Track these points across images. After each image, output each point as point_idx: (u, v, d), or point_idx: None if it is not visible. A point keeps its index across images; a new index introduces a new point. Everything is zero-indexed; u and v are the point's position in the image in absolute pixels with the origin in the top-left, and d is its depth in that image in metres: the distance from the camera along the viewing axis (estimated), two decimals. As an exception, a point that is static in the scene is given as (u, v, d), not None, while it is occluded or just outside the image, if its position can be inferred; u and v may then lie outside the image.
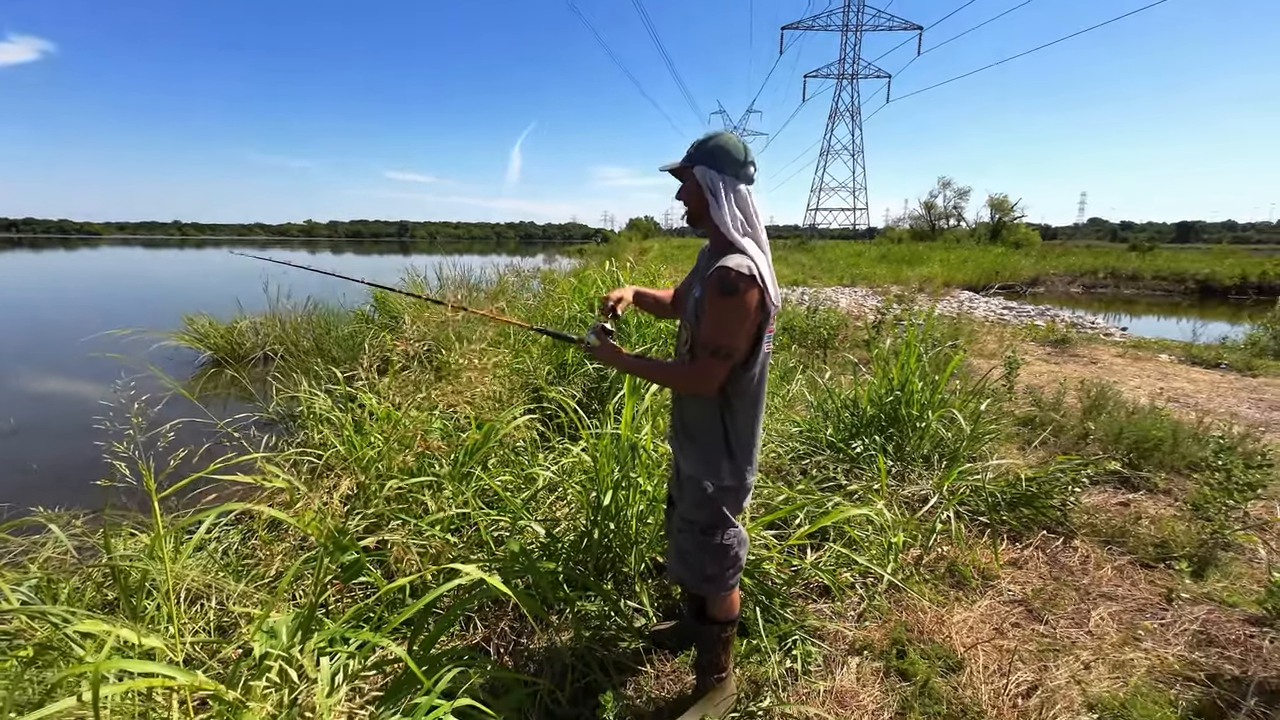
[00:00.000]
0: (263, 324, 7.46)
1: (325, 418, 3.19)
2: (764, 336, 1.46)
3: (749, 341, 1.43)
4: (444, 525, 2.42)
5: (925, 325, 6.39)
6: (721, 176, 1.44)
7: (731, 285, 1.35)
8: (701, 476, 1.55)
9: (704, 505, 1.57)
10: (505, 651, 2.03)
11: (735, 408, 1.50)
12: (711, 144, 1.45)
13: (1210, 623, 2.19)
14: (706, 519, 1.58)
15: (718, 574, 1.62)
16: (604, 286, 5.55)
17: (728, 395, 1.49)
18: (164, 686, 1.14)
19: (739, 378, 1.47)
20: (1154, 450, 3.51)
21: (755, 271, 1.37)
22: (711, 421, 1.53)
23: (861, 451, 3.27)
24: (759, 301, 1.39)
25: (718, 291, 1.37)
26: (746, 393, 1.50)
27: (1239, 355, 7.48)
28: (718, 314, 1.38)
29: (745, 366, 1.46)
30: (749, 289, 1.36)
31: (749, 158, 1.46)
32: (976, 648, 2.02)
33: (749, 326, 1.40)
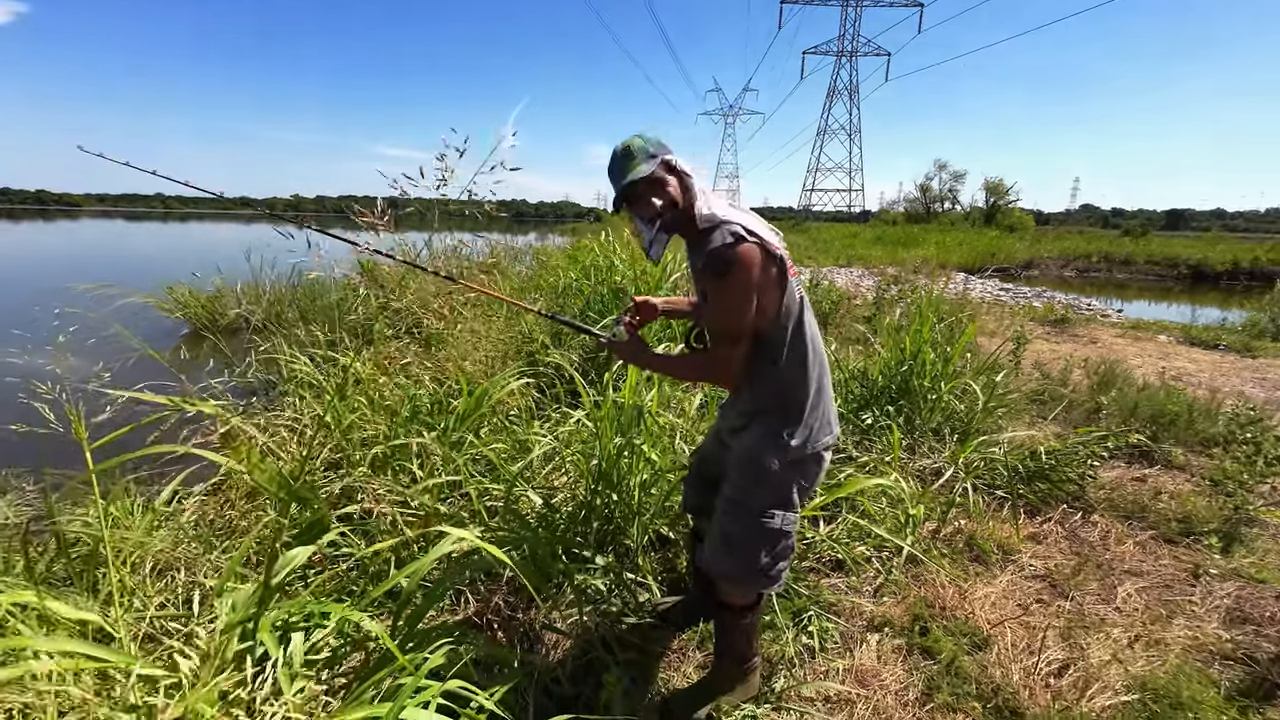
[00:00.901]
0: (245, 291, 7.21)
1: (306, 382, 2.99)
2: (791, 286, 1.32)
3: (774, 297, 1.30)
4: (434, 494, 2.26)
5: (935, 299, 6.27)
6: (676, 157, 1.33)
7: (727, 261, 1.23)
8: (763, 453, 1.37)
9: (765, 484, 1.38)
10: (499, 628, 1.88)
11: (795, 372, 1.35)
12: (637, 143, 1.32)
13: (1243, 599, 2.09)
14: (771, 500, 1.39)
15: (769, 564, 1.42)
16: (600, 255, 5.34)
17: (774, 358, 1.34)
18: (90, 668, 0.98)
19: (781, 335, 1.33)
20: (1171, 425, 3.40)
21: (744, 230, 1.24)
22: (772, 392, 1.38)
23: (872, 423, 3.14)
24: (764, 259, 1.25)
25: (713, 274, 1.26)
26: (801, 352, 1.35)
27: (1237, 337, 7.45)
28: (720, 296, 1.27)
29: (779, 319, 1.32)
30: (748, 253, 1.23)
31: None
32: (1003, 624, 1.90)
33: (765, 289, 1.28)
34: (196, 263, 8.17)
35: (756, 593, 1.52)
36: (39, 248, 19.81)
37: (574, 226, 38.03)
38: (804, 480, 1.41)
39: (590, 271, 5.05)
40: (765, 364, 1.35)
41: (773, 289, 1.29)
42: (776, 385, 1.36)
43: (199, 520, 2.33)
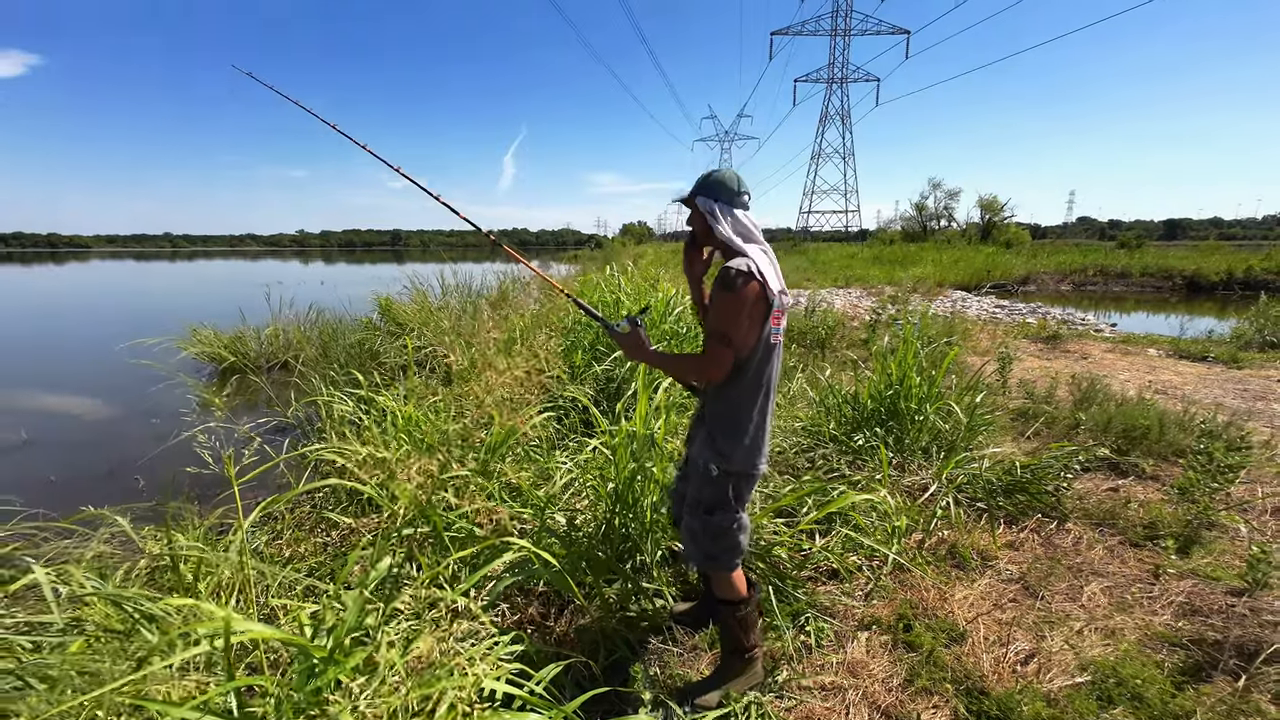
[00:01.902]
0: (267, 334, 7.57)
1: (348, 421, 3.30)
2: (770, 327, 1.62)
3: (755, 330, 1.60)
4: (470, 519, 2.54)
5: (921, 323, 6.57)
6: (720, 203, 1.67)
7: (731, 281, 1.55)
8: (708, 459, 1.70)
9: (708, 486, 1.72)
10: (535, 634, 2.15)
11: (745, 399, 1.65)
12: (711, 179, 1.70)
13: (1195, 594, 2.34)
14: (710, 499, 1.73)
15: (717, 554, 1.76)
16: (605, 290, 5.68)
17: (738, 388, 1.65)
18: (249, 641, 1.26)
19: (746, 367, 1.62)
20: (1142, 438, 3.67)
21: (753, 268, 1.56)
22: (722, 407, 1.68)
23: (863, 444, 3.42)
24: (759, 294, 1.56)
25: (720, 287, 1.57)
26: (754, 384, 1.65)
27: (1225, 348, 7.68)
28: (721, 306, 1.57)
29: (752, 359, 1.62)
30: (747, 283, 1.55)
31: (742, 188, 1.69)
32: (977, 621, 2.16)
33: (751, 316, 1.57)
34: (215, 302, 8.62)
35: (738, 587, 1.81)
36: (79, 297, 20.56)
37: (575, 254, 38.68)
38: (739, 487, 1.73)
39: (600, 306, 5.38)
40: (729, 384, 1.65)
41: (757, 325, 1.60)
42: (728, 405, 1.67)
43: (255, 549, 2.62)
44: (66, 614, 1.78)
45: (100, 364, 7.93)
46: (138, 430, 4.73)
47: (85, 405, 6.26)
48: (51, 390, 6.78)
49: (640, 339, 1.77)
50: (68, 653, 1.44)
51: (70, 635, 1.63)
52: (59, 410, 6.11)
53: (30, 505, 2.61)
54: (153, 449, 3.67)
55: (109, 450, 4.57)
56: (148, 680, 1.23)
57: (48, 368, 8.30)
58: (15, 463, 4.51)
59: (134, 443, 4.39)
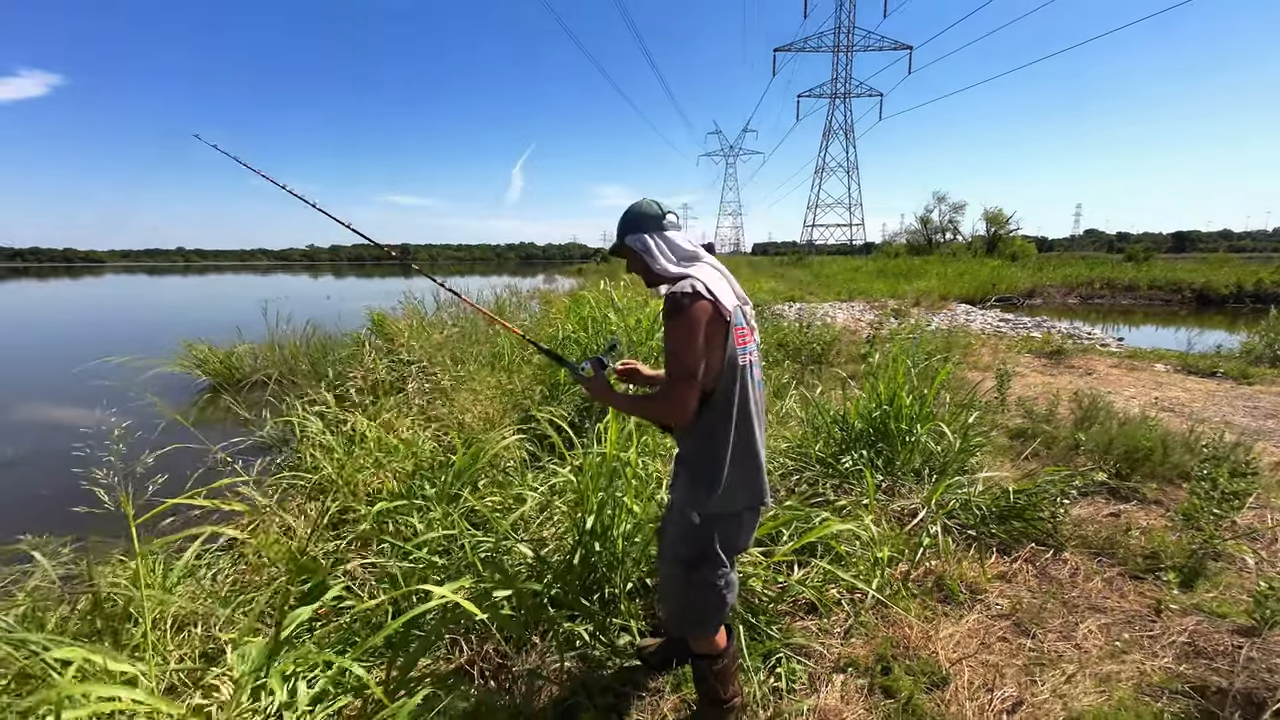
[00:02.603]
0: (262, 349, 7.54)
1: (317, 442, 3.21)
2: (734, 350, 1.45)
3: (717, 354, 1.43)
4: (431, 547, 2.43)
5: (919, 339, 6.44)
6: (648, 235, 1.54)
7: (677, 306, 1.40)
8: (687, 505, 1.51)
9: (689, 538, 1.52)
10: (490, 675, 2.03)
11: (719, 433, 1.47)
12: (630, 215, 1.58)
13: (1198, 634, 2.18)
14: (691, 554, 1.52)
15: (697, 619, 1.57)
16: (597, 308, 5.60)
17: (709, 421, 1.47)
18: (128, 710, 1.16)
19: (715, 401, 1.46)
20: (1144, 460, 3.51)
21: (698, 287, 1.41)
22: (696, 443, 1.50)
23: (850, 467, 3.28)
24: (711, 313, 1.41)
25: (667, 318, 1.42)
26: (725, 415, 1.46)
27: (1234, 363, 7.48)
28: (671, 337, 1.41)
29: (719, 380, 1.45)
30: (695, 304, 1.39)
31: (664, 210, 1.57)
32: (962, 663, 2.02)
33: (708, 339, 1.41)
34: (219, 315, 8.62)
35: (717, 643, 1.66)
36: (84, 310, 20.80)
37: (580, 268, 38.70)
38: (724, 535, 1.53)
39: (588, 323, 5.30)
40: (701, 418, 1.47)
41: (718, 348, 1.44)
42: (702, 440, 1.49)
43: (215, 578, 2.52)
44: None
45: (84, 380, 7.91)
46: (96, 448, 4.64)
47: (62, 422, 6.20)
48: (32, 406, 6.74)
49: (604, 381, 1.64)
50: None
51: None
52: (36, 426, 6.04)
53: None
54: (122, 468, 3.60)
55: (63, 471, 4.44)
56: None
57: (30, 384, 8.28)
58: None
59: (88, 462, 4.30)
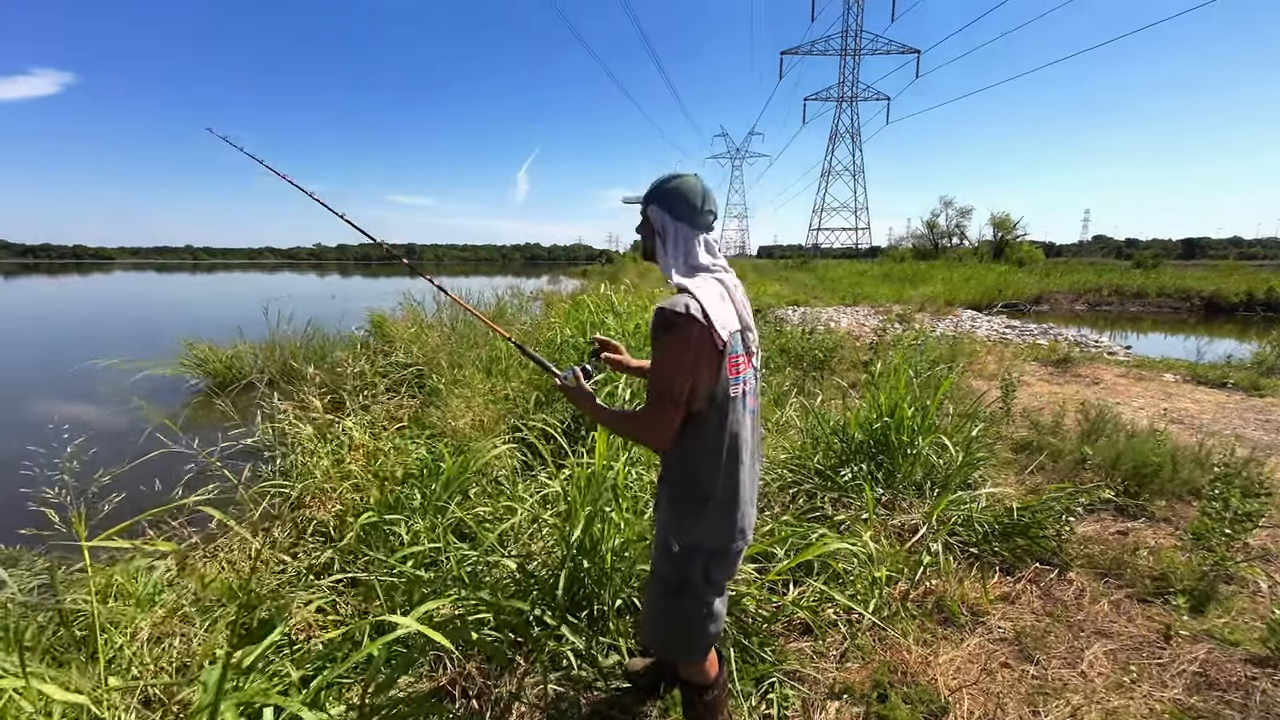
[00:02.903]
0: (261, 350, 7.52)
1: (305, 448, 3.16)
2: (726, 380, 1.33)
3: (705, 385, 1.32)
4: (417, 560, 2.37)
5: (924, 346, 6.34)
6: (675, 221, 1.39)
7: (668, 325, 1.29)
8: (670, 532, 1.44)
9: (666, 562, 1.46)
10: (472, 695, 1.96)
11: (704, 463, 1.38)
12: (670, 185, 1.40)
13: (1210, 663, 2.09)
14: (672, 579, 1.46)
15: (679, 645, 1.50)
16: (596, 311, 5.54)
17: (693, 449, 1.38)
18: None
19: (701, 424, 1.36)
20: (1153, 476, 3.41)
21: (695, 309, 1.28)
22: (680, 476, 1.41)
23: (849, 480, 3.20)
24: (705, 341, 1.29)
25: (655, 332, 1.31)
26: (713, 445, 1.36)
27: (1245, 374, 7.35)
28: (657, 356, 1.32)
29: (706, 415, 1.35)
30: (688, 327, 1.27)
31: (707, 205, 1.40)
32: (962, 691, 1.94)
33: (693, 365, 1.29)
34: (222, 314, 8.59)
35: (708, 671, 1.59)
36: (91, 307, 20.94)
37: (585, 269, 38.69)
38: (705, 566, 1.44)
39: (586, 328, 5.23)
40: (683, 444, 1.38)
41: (706, 374, 1.31)
42: (687, 469, 1.39)
43: (195, 588, 2.46)
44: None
45: (78, 379, 7.92)
46: (106, 450, 4.64)
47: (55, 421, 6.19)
48: (24, 405, 6.74)
49: (584, 390, 1.54)
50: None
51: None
52: (31, 425, 6.04)
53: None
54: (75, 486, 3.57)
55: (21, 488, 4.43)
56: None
57: (25, 382, 8.30)
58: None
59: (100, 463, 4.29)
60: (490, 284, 14.50)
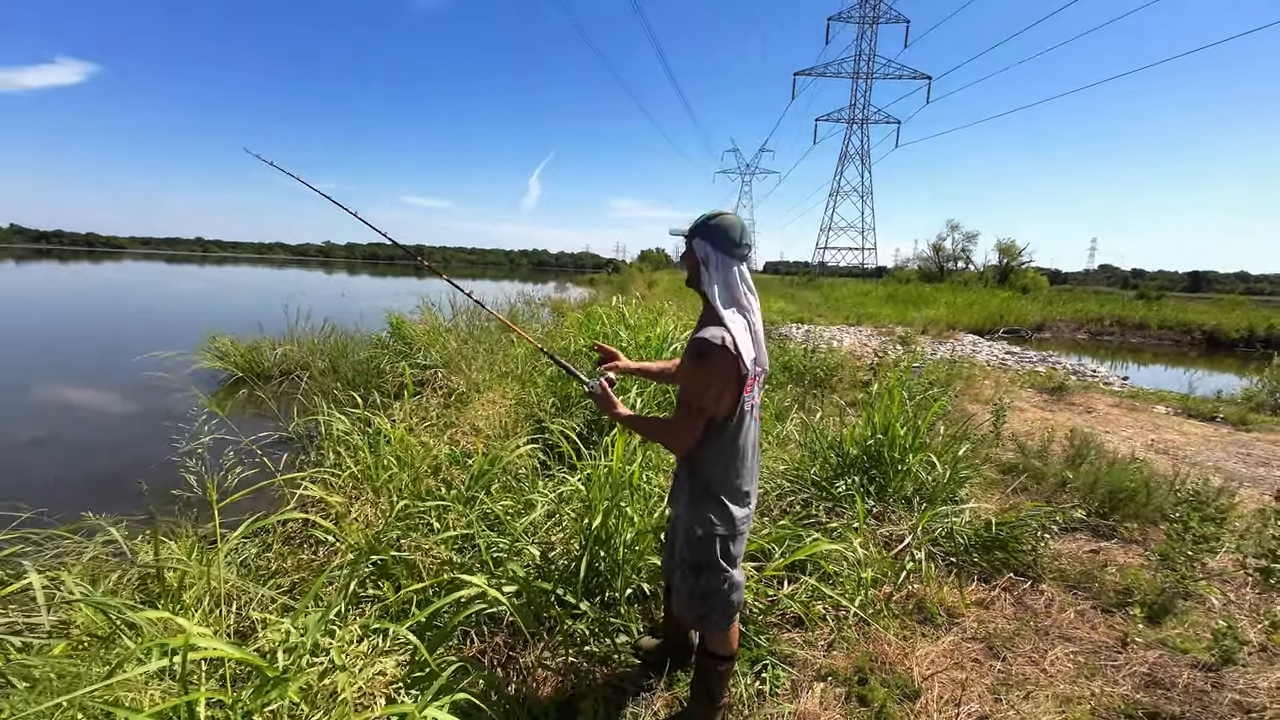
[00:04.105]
0: (282, 345, 7.81)
1: (342, 440, 3.43)
2: (743, 398, 1.62)
3: (730, 401, 1.59)
4: (449, 544, 2.63)
5: (922, 369, 6.60)
6: (716, 252, 1.63)
7: (705, 353, 1.54)
8: (691, 522, 1.71)
9: (693, 547, 1.72)
10: (499, 665, 2.21)
11: (722, 463, 1.66)
12: (713, 222, 1.64)
13: (1159, 666, 2.33)
14: (697, 560, 1.72)
15: (708, 613, 1.76)
16: (608, 323, 5.82)
17: (713, 452, 1.65)
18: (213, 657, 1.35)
19: (720, 433, 1.63)
20: (1127, 500, 3.65)
21: (729, 341, 1.53)
22: (701, 475, 1.69)
23: (843, 492, 3.45)
24: (733, 368, 1.55)
25: (693, 357, 1.57)
26: (729, 450, 1.65)
27: (1235, 409, 7.56)
28: (693, 377, 1.58)
29: (725, 426, 1.62)
30: (722, 357, 1.53)
31: (744, 239, 1.64)
32: (933, 678, 2.18)
33: (724, 389, 1.57)
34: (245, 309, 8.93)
35: (731, 642, 1.84)
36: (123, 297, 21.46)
37: (592, 278, 38.94)
38: (723, 547, 1.71)
39: (600, 339, 5.50)
40: (704, 449, 1.65)
41: (730, 394, 1.59)
42: (708, 469, 1.67)
43: (244, 561, 2.72)
44: (56, 617, 1.89)
45: (120, 367, 8.24)
46: (148, 435, 4.94)
47: (101, 408, 6.52)
48: (71, 391, 7.07)
49: (610, 397, 1.80)
50: (50, 655, 1.54)
51: (56, 639, 1.73)
52: (76, 410, 6.37)
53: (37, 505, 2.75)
54: (161, 455, 3.85)
55: (118, 454, 4.78)
56: (118, 687, 1.32)
57: (70, 368, 8.64)
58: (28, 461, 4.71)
59: (143, 448, 4.59)
60: (499, 289, 14.81)
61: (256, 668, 1.22)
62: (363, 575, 2.23)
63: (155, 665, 1.29)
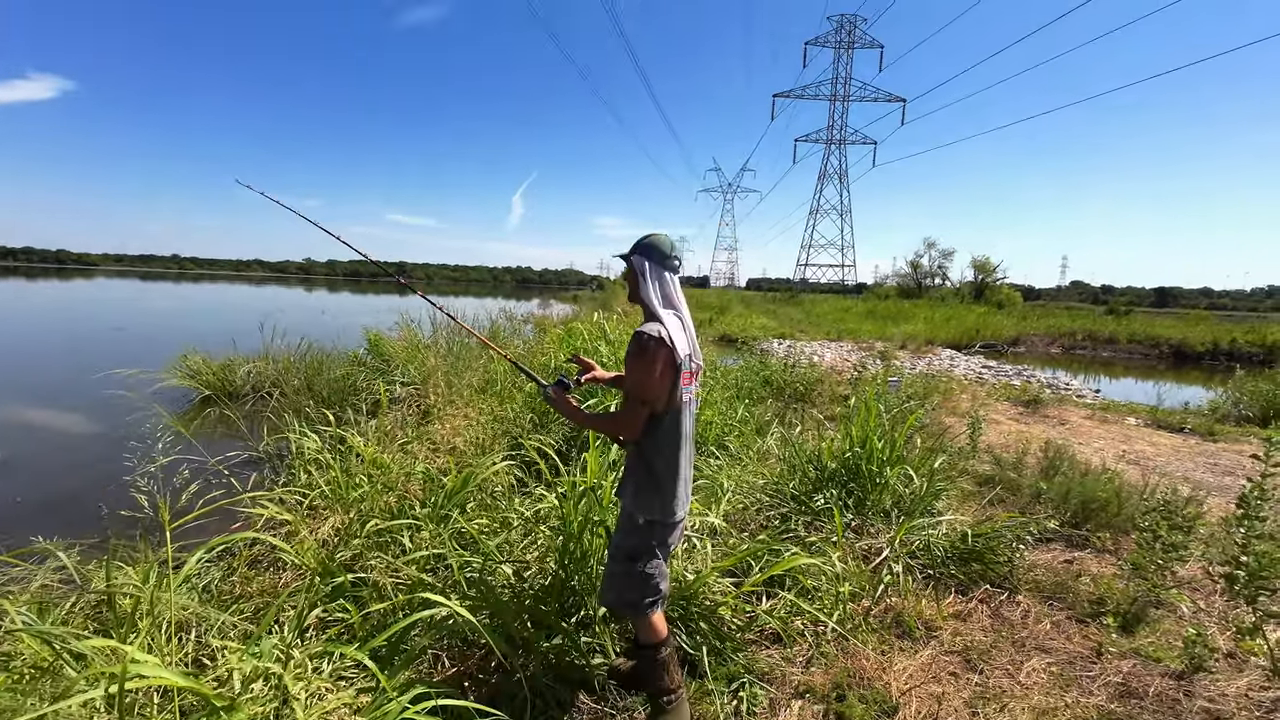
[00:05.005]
0: (256, 364, 7.63)
1: (313, 459, 3.34)
2: (681, 389, 1.76)
3: (665, 392, 1.73)
4: (420, 564, 2.56)
5: (899, 383, 6.68)
6: (651, 264, 1.84)
7: (642, 345, 1.70)
8: (635, 510, 1.83)
9: (632, 534, 1.84)
10: (471, 689, 2.14)
11: (664, 452, 1.79)
12: (647, 241, 1.87)
13: (1132, 675, 2.34)
14: (633, 547, 1.84)
15: (637, 600, 1.85)
16: (589, 339, 5.81)
17: (656, 441, 1.79)
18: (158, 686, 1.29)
19: (658, 424, 1.77)
20: (1099, 511, 3.70)
21: (664, 335, 1.71)
22: (641, 462, 1.81)
23: (822, 505, 3.45)
24: (667, 359, 1.71)
25: (633, 351, 1.73)
26: (671, 439, 1.79)
27: (1202, 420, 7.76)
28: (634, 370, 1.72)
29: (665, 416, 1.77)
30: (657, 348, 1.69)
31: (674, 253, 1.85)
32: (911, 693, 2.16)
33: (660, 379, 1.71)
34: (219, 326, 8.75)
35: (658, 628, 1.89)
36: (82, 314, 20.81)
37: (575, 295, 39.13)
38: (660, 536, 1.84)
39: (582, 353, 5.49)
40: (646, 439, 1.79)
41: (667, 383, 1.73)
42: (649, 457, 1.80)
43: (206, 585, 2.62)
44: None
45: (85, 386, 7.99)
46: (110, 456, 4.77)
47: (62, 427, 6.29)
48: (31, 410, 6.82)
49: (563, 397, 1.92)
50: (-12, 688, 1.46)
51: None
52: (36, 430, 6.14)
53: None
54: (121, 475, 3.72)
55: (78, 475, 4.60)
56: (54, 718, 1.25)
57: (32, 387, 8.36)
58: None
59: (104, 469, 4.43)
60: (481, 305, 14.73)
61: (204, 697, 1.16)
62: (325, 598, 2.15)
63: (98, 694, 1.22)
